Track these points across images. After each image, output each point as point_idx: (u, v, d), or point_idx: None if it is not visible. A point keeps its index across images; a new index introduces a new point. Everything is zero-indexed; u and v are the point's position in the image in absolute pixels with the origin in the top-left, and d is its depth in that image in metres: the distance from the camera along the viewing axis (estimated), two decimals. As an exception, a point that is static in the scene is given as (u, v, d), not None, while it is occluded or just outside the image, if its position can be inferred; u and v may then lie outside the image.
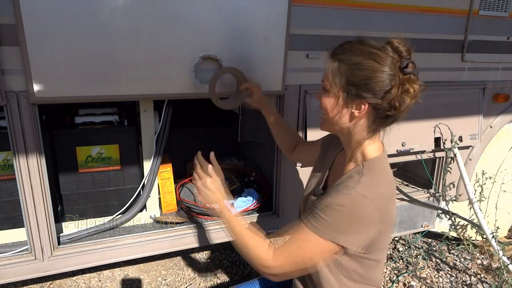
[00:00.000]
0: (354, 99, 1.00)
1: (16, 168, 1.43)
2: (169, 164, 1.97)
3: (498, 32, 2.12)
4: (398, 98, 0.97)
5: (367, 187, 0.99)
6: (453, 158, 2.16)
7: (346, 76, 0.99)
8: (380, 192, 1.01)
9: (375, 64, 0.96)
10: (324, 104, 1.06)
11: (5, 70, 1.33)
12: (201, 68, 1.55)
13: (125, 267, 2.31)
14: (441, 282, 2.32)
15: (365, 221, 0.98)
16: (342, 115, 1.04)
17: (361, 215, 0.97)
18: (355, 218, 0.97)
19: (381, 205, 0.99)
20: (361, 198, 0.97)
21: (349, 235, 0.98)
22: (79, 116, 1.77)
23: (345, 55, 1.00)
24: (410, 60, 0.99)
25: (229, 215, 1.23)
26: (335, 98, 1.03)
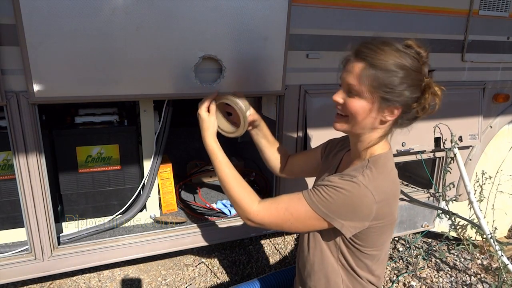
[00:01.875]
0: (389, 105, 0.99)
1: (16, 168, 1.43)
2: (169, 164, 1.97)
3: (498, 32, 2.12)
4: (429, 100, 0.98)
5: (369, 179, 0.99)
6: (453, 158, 2.16)
7: (382, 82, 0.97)
8: (382, 186, 1.01)
9: (408, 69, 0.96)
10: (354, 107, 1.02)
11: (5, 70, 1.33)
12: (201, 68, 1.56)
13: (125, 267, 2.31)
14: (441, 282, 2.32)
15: (361, 210, 0.99)
16: (372, 119, 1.03)
17: (359, 203, 0.98)
18: (352, 205, 0.99)
19: (381, 199, 0.99)
20: (362, 187, 0.97)
21: (342, 218, 1.00)
22: (79, 116, 1.77)
23: (375, 58, 0.98)
24: (429, 63, 1.00)
25: (217, 151, 1.28)
26: (368, 102, 1.00)
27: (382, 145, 1.08)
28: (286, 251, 2.55)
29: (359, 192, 0.98)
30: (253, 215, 1.12)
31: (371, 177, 1.00)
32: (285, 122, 1.80)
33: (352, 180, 0.99)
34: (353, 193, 0.98)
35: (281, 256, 2.51)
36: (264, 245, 2.59)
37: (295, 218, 1.06)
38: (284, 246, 2.60)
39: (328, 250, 1.14)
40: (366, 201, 0.98)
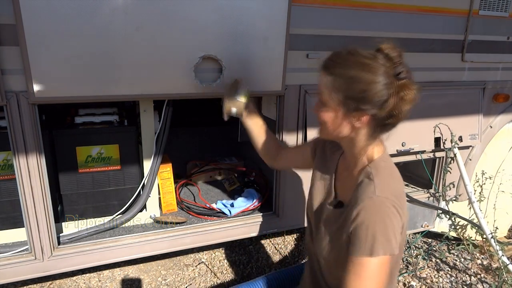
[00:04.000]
0: (353, 112, 1.00)
1: (16, 168, 1.43)
2: (169, 164, 1.97)
3: (498, 32, 2.12)
4: (396, 106, 0.97)
5: (383, 188, 0.99)
6: (453, 158, 2.16)
7: (343, 91, 0.99)
8: (396, 189, 1.02)
9: (370, 75, 0.96)
10: (323, 118, 1.06)
11: (5, 70, 1.33)
12: (201, 68, 1.56)
13: (125, 267, 2.31)
14: (441, 282, 2.32)
15: (395, 221, 0.98)
16: (342, 127, 1.05)
17: (390, 216, 0.97)
18: (389, 221, 0.97)
19: (400, 202, 0.99)
20: (382, 201, 0.97)
21: (392, 239, 0.97)
22: (79, 116, 1.77)
23: (338, 69, 1.00)
24: (402, 65, 0.98)
25: None
26: (334, 112, 1.03)
27: (377, 149, 1.08)
28: (286, 251, 2.55)
29: (385, 207, 0.97)
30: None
31: (384, 184, 1.00)
32: (285, 122, 1.80)
33: (373, 199, 0.98)
34: (381, 212, 0.97)
35: (281, 256, 2.51)
36: (264, 245, 2.59)
37: (377, 279, 0.98)
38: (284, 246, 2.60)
39: None
40: (393, 211, 0.97)
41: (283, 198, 1.92)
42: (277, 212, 1.96)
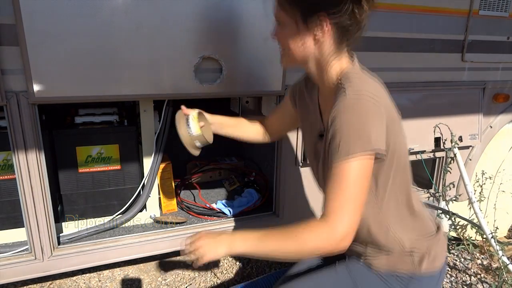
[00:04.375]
0: (312, 17, 0.96)
1: (16, 168, 1.43)
2: (169, 164, 1.97)
3: (498, 32, 2.12)
4: (354, 8, 0.96)
5: (355, 88, 0.94)
6: (453, 158, 2.15)
7: (300, 1, 0.96)
8: (371, 85, 0.97)
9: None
10: (284, 37, 1.02)
11: (5, 70, 1.33)
12: (201, 68, 1.55)
13: (125, 267, 2.31)
14: (441, 282, 2.32)
15: (374, 115, 0.91)
16: (305, 42, 1.00)
17: (366, 110, 0.91)
18: (364, 117, 0.90)
19: (378, 94, 0.95)
20: (356, 97, 0.92)
21: (371, 135, 0.89)
22: (79, 116, 1.77)
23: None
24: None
25: (244, 237, 0.99)
26: (295, 28, 0.99)
27: (345, 61, 1.04)
28: (286, 251, 2.55)
29: (358, 103, 0.91)
30: (341, 237, 0.89)
31: (356, 86, 0.94)
32: (285, 122, 1.80)
33: (344, 100, 0.92)
34: (355, 108, 0.91)
35: (281, 256, 2.51)
36: (264, 245, 2.59)
37: (358, 183, 0.89)
38: (284, 246, 2.61)
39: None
40: (368, 104, 0.91)
41: (283, 198, 1.92)
42: (277, 212, 1.96)
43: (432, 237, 1.12)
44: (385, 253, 1.10)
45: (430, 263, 1.08)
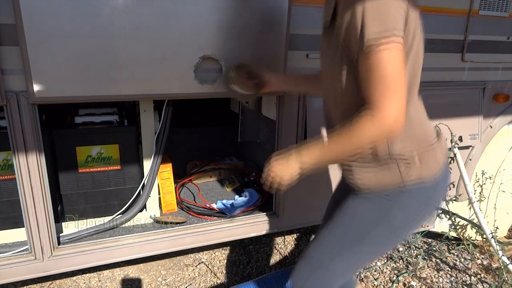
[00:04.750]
0: None
1: (16, 168, 1.43)
2: (169, 164, 1.97)
3: (498, 32, 2.12)
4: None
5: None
6: (453, 158, 2.15)
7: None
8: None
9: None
10: None
11: (5, 70, 1.33)
12: (201, 68, 1.55)
13: (125, 267, 2.31)
14: (441, 282, 2.32)
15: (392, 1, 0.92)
16: None
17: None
18: (383, 4, 0.91)
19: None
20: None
21: (391, 20, 0.91)
22: (79, 116, 1.77)
23: None
24: None
25: (309, 151, 1.05)
26: None
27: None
28: (286, 251, 2.55)
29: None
30: (393, 119, 0.91)
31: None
32: (285, 122, 1.80)
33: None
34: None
35: (281, 256, 2.51)
36: (264, 245, 2.59)
37: (394, 68, 0.91)
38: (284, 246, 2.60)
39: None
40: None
41: (283, 198, 1.92)
42: (277, 212, 1.96)
43: (425, 146, 1.09)
44: (372, 166, 1.08)
45: (419, 172, 1.06)
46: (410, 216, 1.10)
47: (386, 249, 1.20)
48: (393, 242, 1.19)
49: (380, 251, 1.24)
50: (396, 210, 1.08)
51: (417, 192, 1.07)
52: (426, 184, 1.06)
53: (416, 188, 1.06)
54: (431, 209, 1.14)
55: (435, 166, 1.08)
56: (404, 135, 1.01)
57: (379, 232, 1.11)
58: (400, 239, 1.18)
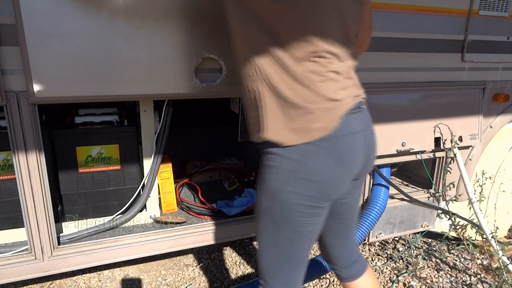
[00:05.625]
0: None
1: (16, 168, 1.43)
2: (169, 164, 1.97)
3: (498, 32, 2.12)
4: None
5: None
6: (453, 158, 2.16)
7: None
8: None
9: None
10: None
11: (5, 70, 1.33)
12: (201, 68, 1.55)
13: (125, 267, 2.31)
14: (441, 282, 2.32)
15: None
16: None
17: None
18: None
19: None
20: None
21: None
22: (79, 116, 1.77)
23: None
24: None
25: None
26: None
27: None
28: (286, 251, 2.55)
29: None
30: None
31: None
32: (285, 122, 1.80)
33: None
34: None
35: (281, 256, 2.51)
36: (264, 245, 2.59)
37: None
38: (284, 246, 2.60)
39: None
40: None
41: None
42: (277, 212, 1.96)
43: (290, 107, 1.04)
44: (253, 117, 1.10)
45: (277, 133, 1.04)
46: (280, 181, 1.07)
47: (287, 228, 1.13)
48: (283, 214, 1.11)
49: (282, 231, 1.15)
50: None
51: (283, 152, 1.06)
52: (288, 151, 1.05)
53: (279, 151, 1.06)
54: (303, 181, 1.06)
55: (302, 134, 1.04)
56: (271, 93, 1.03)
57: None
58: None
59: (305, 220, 1.11)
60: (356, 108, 1.11)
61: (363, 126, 1.13)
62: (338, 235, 1.37)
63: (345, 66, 1.10)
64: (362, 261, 1.43)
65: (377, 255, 2.58)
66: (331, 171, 1.07)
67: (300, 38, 1.00)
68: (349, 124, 1.07)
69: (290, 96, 1.03)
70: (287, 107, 1.04)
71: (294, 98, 1.03)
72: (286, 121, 1.04)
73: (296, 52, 1.01)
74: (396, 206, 2.22)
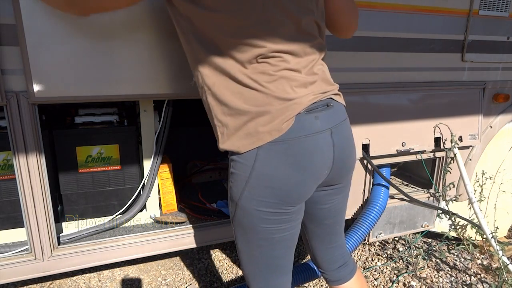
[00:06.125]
0: None
1: (16, 168, 1.43)
2: (169, 164, 1.97)
3: (498, 32, 2.12)
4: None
5: None
6: (453, 158, 2.16)
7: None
8: None
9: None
10: None
11: (5, 70, 1.33)
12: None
13: (125, 267, 2.31)
14: (441, 282, 2.32)
15: None
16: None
17: None
18: None
19: None
20: None
21: None
22: (79, 116, 1.77)
23: None
24: None
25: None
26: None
27: None
28: (286, 251, 2.55)
29: None
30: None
31: None
32: (285, 122, 1.80)
33: None
34: None
35: (281, 256, 2.51)
36: (264, 245, 2.59)
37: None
38: (284, 246, 2.60)
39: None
40: None
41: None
42: (277, 212, 1.96)
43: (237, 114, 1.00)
44: (212, 127, 1.10)
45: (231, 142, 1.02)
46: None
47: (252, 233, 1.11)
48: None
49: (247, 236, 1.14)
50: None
51: (238, 158, 1.03)
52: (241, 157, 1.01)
53: (237, 154, 1.02)
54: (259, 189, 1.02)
55: (249, 140, 0.99)
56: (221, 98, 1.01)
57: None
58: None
59: (272, 227, 1.06)
60: (321, 106, 1.04)
61: (329, 125, 1.04)
62: (322, 239, 1.31)
63: (305, 62, 1.03)
64: (351, 264, 1.38)
65: (377, 255, 2.58)
66: (287, 175, 1.00)
67: (241, 44, 0.95)
68: (307, 123, 1.00)
69: (236, 103, 0.98)
70: (236, 114, 0.99)
71: (241, 104, 0.98)
72: (237, 129, 1.00)
73: (240, 56, 0.96)
74: (396, 206, 2.22)
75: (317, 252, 1.35)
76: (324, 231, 1.30)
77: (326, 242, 1.33)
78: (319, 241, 1.32)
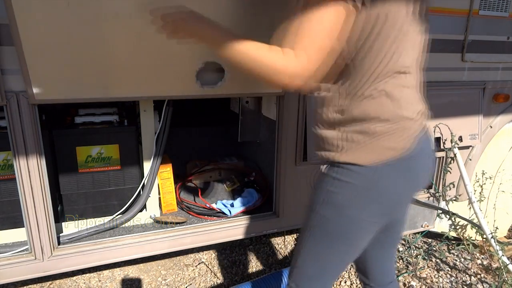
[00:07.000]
0: None
1: (16, 168, 1.43)
2: (169, 164, 1.97)
3: (498, 32, 2.12)
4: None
5: None
6: (453, 158, 2.15)
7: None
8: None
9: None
10: None
11: (5, 70, 1.33)
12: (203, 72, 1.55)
13: (125, 267, 2.31)
14: (441, 282, 2.32)
15: None
16: None
17: None
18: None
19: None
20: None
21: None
22: (79, 116, 1.77)
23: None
24: None
25: (211, 26, 1.07)
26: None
27: None
28: (286, 251, 2.55)
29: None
30: (295, 69, 0.88)
31: None
32: (285, 122, 1.80)
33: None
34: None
35: (281, 256, 2.51)
36: (264, 245, 2.59)
37: (327, 26, 0.86)
38: (284, 246, 2.60)
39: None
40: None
41: (283, 198, 1.92)
42: (277, 212, 1.96)
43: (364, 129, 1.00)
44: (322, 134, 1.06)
45: (354, 155, 1.00)
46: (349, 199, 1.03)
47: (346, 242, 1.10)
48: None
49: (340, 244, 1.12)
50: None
51: (355, 170, 1.01)
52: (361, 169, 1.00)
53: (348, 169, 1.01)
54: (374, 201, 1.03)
55: (374, 155, 1.00)
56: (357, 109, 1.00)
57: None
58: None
59: (367, 236, 1.08)
60: (425, 126, 1.10)
61: (432, 146, 1.11)
62: (384, 248, 1.30)
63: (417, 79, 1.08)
64: (396, 284, 1.36)
65: (377, 255, 2.57)
66: (401, 192, 1.04)
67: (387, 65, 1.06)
68: (422, 143, 1.05)
69: (375, 114, 1.01)
70: (372, 124, 1.00)
71: (379, 115, 1.01)
72: (365, 142, 1.00)
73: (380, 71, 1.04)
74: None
75: (375, 261, 1.31)
76: (389, 239, 1.28)
77: (386, 251, 1.32)
78: (382, 249, 1.30)
